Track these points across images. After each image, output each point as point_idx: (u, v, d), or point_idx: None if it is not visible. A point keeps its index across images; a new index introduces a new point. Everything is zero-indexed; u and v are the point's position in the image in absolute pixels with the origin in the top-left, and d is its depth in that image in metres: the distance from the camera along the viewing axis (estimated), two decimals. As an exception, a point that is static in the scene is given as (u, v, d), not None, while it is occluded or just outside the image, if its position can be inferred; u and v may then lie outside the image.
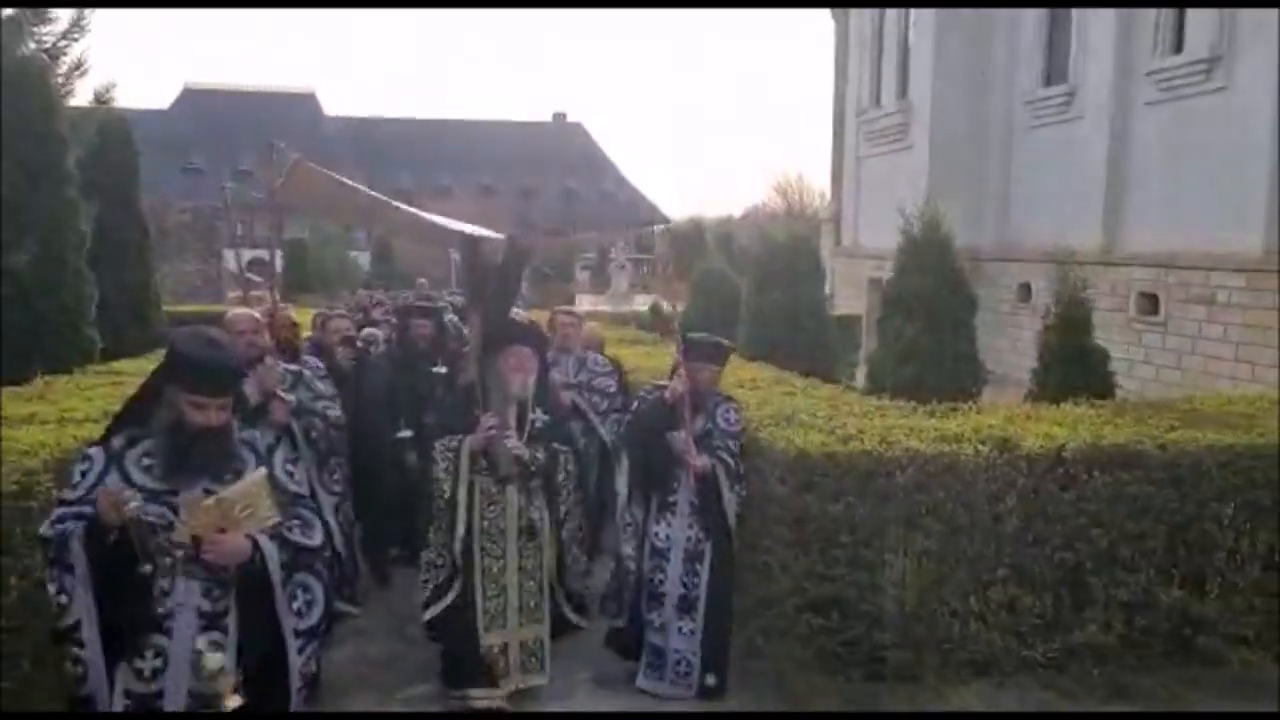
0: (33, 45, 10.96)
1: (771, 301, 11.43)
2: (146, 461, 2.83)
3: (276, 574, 2.86)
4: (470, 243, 4.84)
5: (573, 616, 4.93)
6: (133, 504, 2.64)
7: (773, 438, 4.64)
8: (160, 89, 63.79)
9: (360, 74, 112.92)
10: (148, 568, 2.70)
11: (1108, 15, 16.30)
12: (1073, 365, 6.89)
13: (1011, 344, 17.31)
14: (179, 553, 2.73)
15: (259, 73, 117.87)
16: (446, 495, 4.33)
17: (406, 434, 6.19)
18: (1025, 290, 17.93)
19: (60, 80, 10.07)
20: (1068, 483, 4.49)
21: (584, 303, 25.11)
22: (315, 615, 3.03)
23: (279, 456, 3.12)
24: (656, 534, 4.61)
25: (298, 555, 2.95)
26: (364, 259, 39.10)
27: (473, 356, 4.62)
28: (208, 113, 51.44)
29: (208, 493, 2.76)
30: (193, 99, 52.90)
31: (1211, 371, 13.63)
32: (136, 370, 6.17)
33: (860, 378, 11.58)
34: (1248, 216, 13.20)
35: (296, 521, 2.99)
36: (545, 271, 23.31)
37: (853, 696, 4.37)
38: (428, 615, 4.54)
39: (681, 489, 4.54)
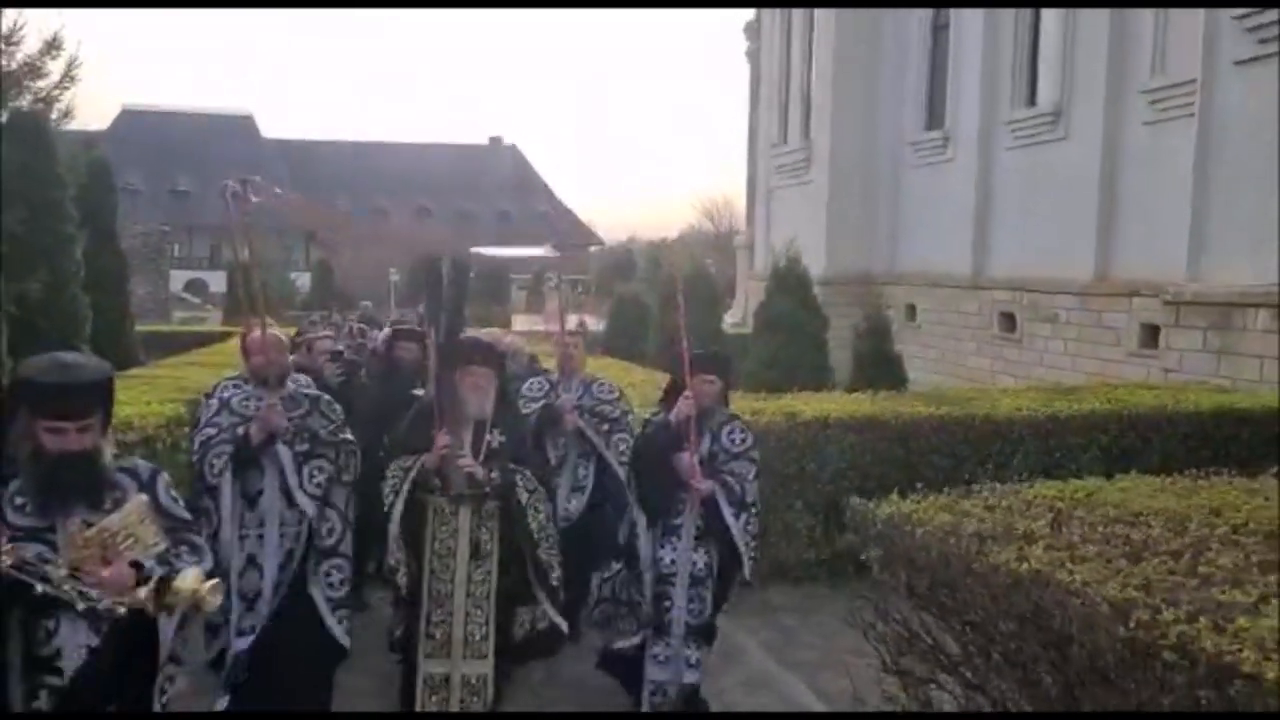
0: (29, 97, 12.53)
1: (675, 321, 13.52)
2: (19, 500, 2.67)
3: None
4: (428, 260, 5.35)
5: (559, 620, 4.43)
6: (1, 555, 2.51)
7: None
8: (96, 110, 63.34)
9: (296, 97, 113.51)
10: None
11: (975, 67, 18.08)
12: (877, 366, 8.93)
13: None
14: (73, 593, 2.56)
15: (195, 95, 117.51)
16: (400, 514, 4.23)
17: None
18: (911, 310, 19.67)
19: (53, 124, 11.61)
20: (832, 440, 6.53)
21: (520, 322, 26.51)
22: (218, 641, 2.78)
23: (161, 482, 2.92)
24: (662, 559, 4.53)
25: None
26: (303, 281, 39.52)
27: (429, 375, 4.59)
28: (145, 133, 51.39)
29: (87, 524, 2.62)
30: (130, 120, 52.35)
31: (1055, 381, 15.43)
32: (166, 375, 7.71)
33: (748, 384, 13.71)
34: (1080, 247, 15.18)
35: (184, 547, 2.83)
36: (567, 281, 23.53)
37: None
38: (397, 634, 4.49)
39: (686, 513, 4.49)
